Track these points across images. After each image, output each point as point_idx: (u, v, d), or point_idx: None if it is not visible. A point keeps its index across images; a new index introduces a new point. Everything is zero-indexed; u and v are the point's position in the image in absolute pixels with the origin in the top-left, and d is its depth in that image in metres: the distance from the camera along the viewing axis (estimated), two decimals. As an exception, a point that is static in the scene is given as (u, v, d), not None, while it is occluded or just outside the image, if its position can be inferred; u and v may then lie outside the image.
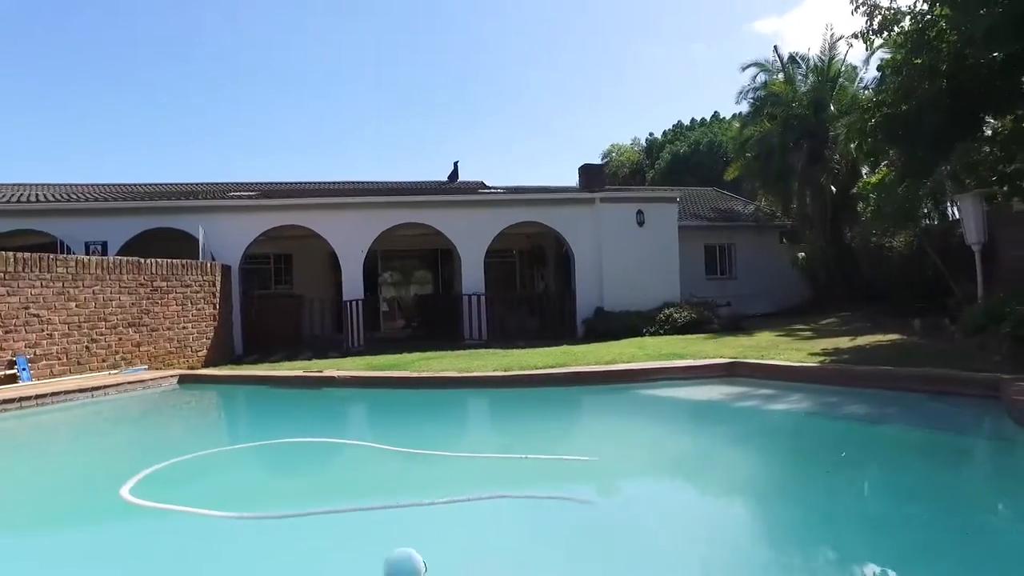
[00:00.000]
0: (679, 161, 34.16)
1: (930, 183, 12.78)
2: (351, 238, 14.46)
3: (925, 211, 12.97)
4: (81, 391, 8.40)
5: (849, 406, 6.35)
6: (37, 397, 7.90)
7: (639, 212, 15.28)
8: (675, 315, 14.46)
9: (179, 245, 13.65)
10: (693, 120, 39.11)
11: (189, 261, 12.07)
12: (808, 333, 13.21)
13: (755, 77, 19.88)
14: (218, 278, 12.67)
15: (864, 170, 17.48)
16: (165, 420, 8.14)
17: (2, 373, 9.20)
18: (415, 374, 8.66)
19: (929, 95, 10.06)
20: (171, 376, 9.74)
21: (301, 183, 20.61)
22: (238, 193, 15.89)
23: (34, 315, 9.61)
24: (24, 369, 9.43)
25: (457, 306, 15.13)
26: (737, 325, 15.43)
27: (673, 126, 39.81)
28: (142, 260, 11.27)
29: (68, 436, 7.28)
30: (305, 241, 15.86)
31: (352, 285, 14.48)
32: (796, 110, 17.86)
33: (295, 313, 16.40)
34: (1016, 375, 6.31)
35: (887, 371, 6.89)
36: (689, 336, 13.27)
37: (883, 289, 14.08)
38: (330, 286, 16.97)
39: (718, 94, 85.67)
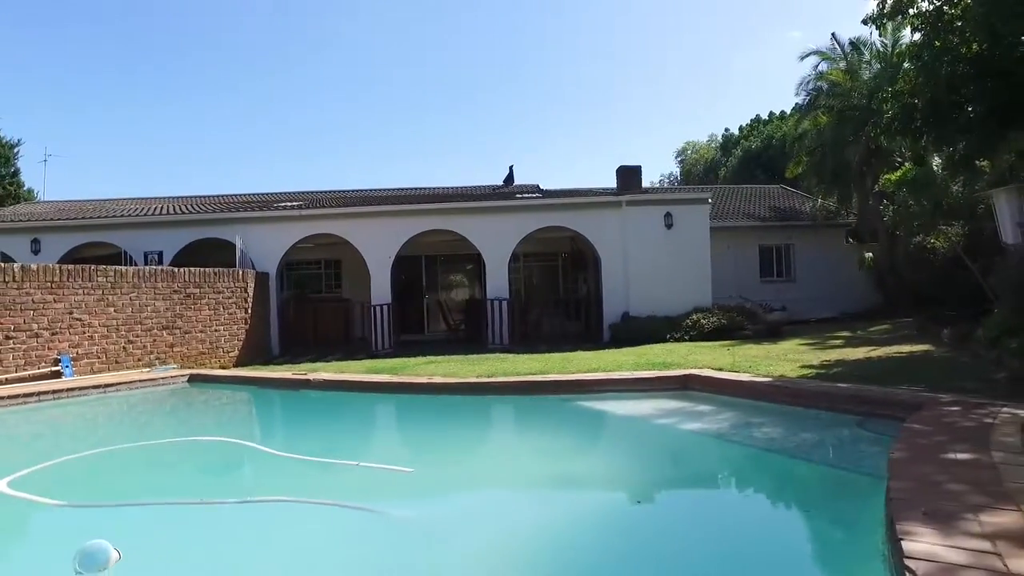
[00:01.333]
0: (750, 157, 32.37)
1: (989, 176, 11.52)
2: (378, 245, 15.10)
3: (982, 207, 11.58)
4: (95, 387, 9.46)
5: (764, 428, 5.99)
6: (54, 392, 9.00)
7: (667, 215, 14.81)
8: (703, 321, 13.92)
9: (228, 253, 14.85)
10: (772, 114, 36.82)
11: (221, 269, 13.14)
12: (839, 342, 12.31)
13: (816, 66, 18.60)
14: (250, 284, 13.68)
15: (935, 162, 15.91)
16: (121, 416, 8.91)
17: (48, 370, 10.53)
18: (383, 378, 9.00)
19: (951, 81, 9.08)
20: (183, 375, 10.69)
21: (352, 191, 21.64)
22: (285, 203, 17.02)
23: (77, 319, 10.88)
24: (67, 367, 10.70)
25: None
26: (775, 331, 14.60)
27: (751, 120, 37.73)
28: (175, 269, 12.43)
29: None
30: (351, 247, 16.73)
31: (379, 290, 15.11)
32: (855, 100, 16.52)
33: (341, 316, 17.32)
34: (962, 396, 5.70)
35: (826, 390, 6.40)
36: (708, 343, 12.75)
37: (936, 294, 12.79)
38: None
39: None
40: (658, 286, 14.57)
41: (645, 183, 23.48)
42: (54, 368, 10.53)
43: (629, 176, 16.76)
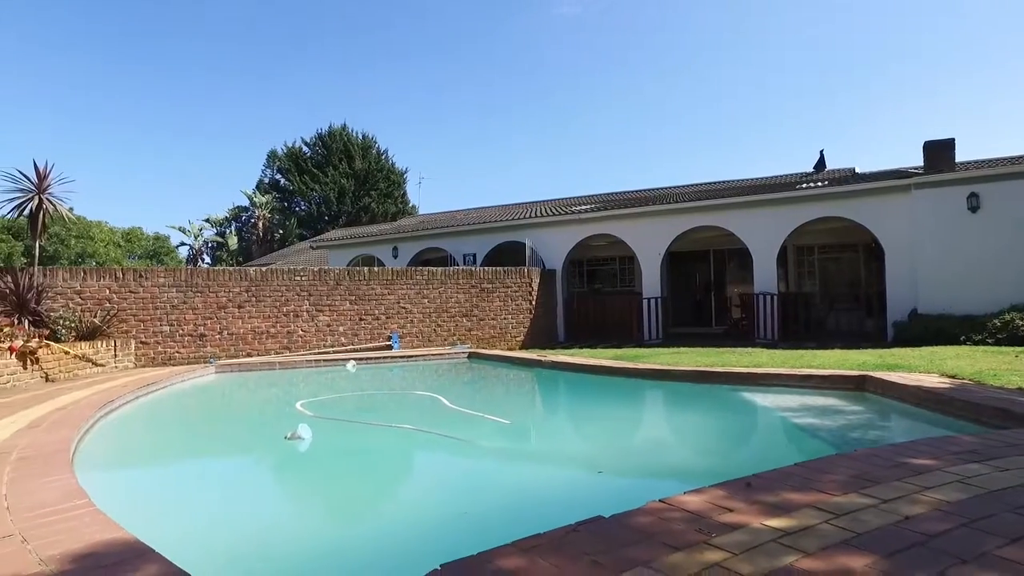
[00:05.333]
0: None
1: None
2: (647, 243, 16.15)
3: None
4: (403, 357, 12.89)
5: (872, 430, 5.56)
6: (377, 358, 12.65)
7: (972, 196, 12.45)
8: (1018, 321, 11.49)
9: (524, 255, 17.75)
10: None
11: (509, 268, 15.92)
12: None
13: None
14: (535, 280, 16.19)
15: None
16: (401, 375, 11.66)
17: (384, 343, 14.59)
18: (589, 361, 10.30)
19: None
20: (466, 353, 13.59)
21: (640, 190, 22.82)
22: (580, 207, 19.23)
23: (403, 307, 14.75)
24: (396, 342, 14.63)
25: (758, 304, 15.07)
26: None
27: None
28: (473, 268, 15.61)
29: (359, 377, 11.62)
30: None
31: (650, 285, 16.16)
32: None
33: (628, 307, 18.80)
34: None
35: (983, 402, 5.56)
36: (1010, 349, 10.58)
37: None
38: (666, 285, 18.67)
39: None
40: (954, 280, 12.45)
41: (1013, 152, 19.10)
42: (387, 342, 14.53)
43: (938, 152, 14.45)
